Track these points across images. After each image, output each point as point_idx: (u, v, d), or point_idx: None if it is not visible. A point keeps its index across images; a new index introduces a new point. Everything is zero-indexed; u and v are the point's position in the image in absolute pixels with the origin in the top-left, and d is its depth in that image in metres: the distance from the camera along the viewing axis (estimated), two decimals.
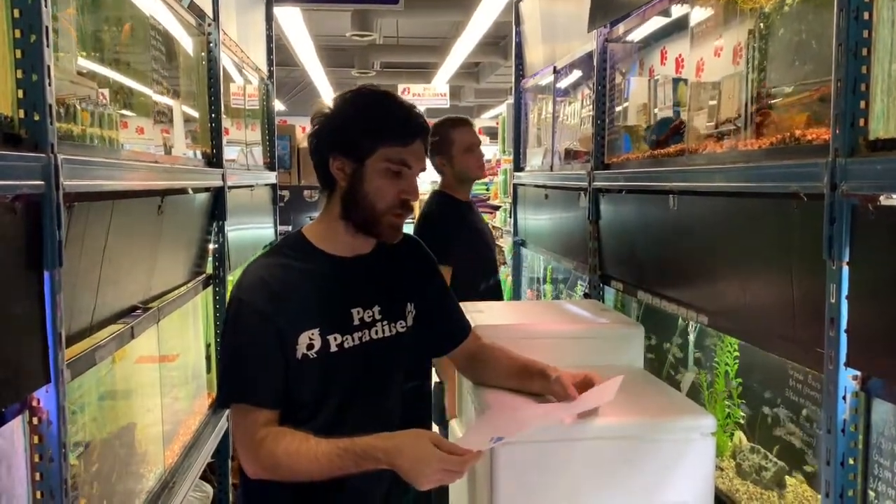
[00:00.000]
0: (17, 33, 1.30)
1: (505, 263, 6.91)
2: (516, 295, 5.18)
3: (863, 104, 1.37)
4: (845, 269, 1.40)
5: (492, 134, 17.79)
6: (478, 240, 3.07)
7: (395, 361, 1.64)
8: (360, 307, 1.57)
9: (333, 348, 1.51)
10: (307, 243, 1.58)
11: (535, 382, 1.74)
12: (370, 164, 1.51)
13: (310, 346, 1.49)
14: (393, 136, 1.51)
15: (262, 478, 1.46)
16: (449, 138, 2.98)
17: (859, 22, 1.36)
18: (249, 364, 1.47)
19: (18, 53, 1.30)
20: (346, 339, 1.53)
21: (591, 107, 3.12)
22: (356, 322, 1.56)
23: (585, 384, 1.67)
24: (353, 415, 1.54)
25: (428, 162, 1.68)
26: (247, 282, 1.51)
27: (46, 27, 1.31)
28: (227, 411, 2.97)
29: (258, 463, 1.45)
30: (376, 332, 1.58)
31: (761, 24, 1.89)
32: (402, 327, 1.64)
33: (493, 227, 11.55)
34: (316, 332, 1.49)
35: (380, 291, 1.61)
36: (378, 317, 1.59)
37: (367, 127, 1.52)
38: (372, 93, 1.57)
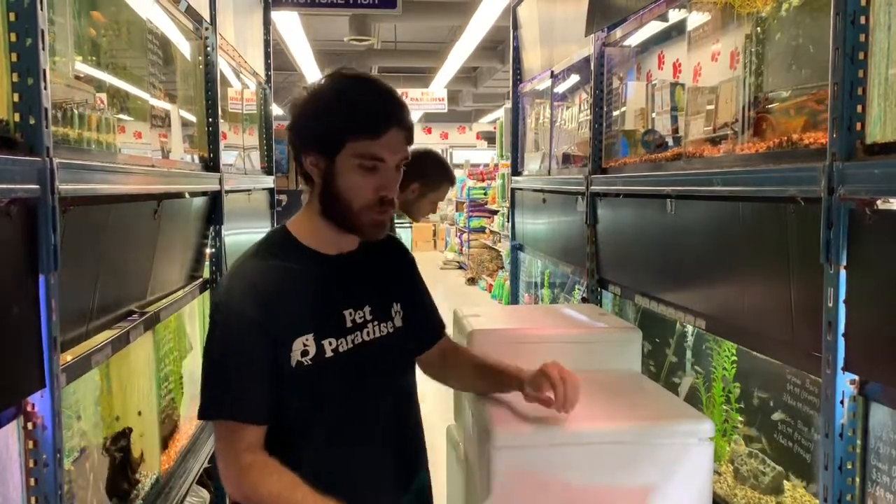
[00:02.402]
0: (13, 37, 1.30)
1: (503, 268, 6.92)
2: (514, 299, 5.18)
3: (860, 108, 1.37)
4: (843, 273, 1.40)
5: (490, 138, 17.85)
6: None
7: (388, 363, 1.57)
8: (352, 308, 1.50)
9: (328, 353, 1.43)
10: (293, 241, 1.48)
11: (506, 383, 1.72)
12: (340, 161, 1.40)
13: (304, 353, 1.40)
14: (360, 129, 1.38)
15: (247, 501, 1.38)
16: (434, 184, 2.89)
17: (856, 26, 1.36)
18: (238, 377, 1.38)
19: (14, 57, 1.30)
20: (341, 342, 1.45)
21: (588, 111, 3.12)
22: (349, 324, 1.48)
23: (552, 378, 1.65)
24: (350, 421, 1.49)
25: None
26: (234, 287, 1.41)
27: (42, 31, 1.31)
28: None
29: (240, 491, 1.37)
30: (368, 334, 1.51)
31: (758, 29, 1.89)
32: (391, 328, 1.57)
33: (491, 231, 11.57)
34: (310, 337, 1.41)
35: (369, 291, 1.55)
36: (369, 317, 1.52)
37: (333, 120, 1.40)
38: (342, 80, 1.45)
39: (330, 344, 1.44)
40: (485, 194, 12.50)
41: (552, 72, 3.84)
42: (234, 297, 1.40)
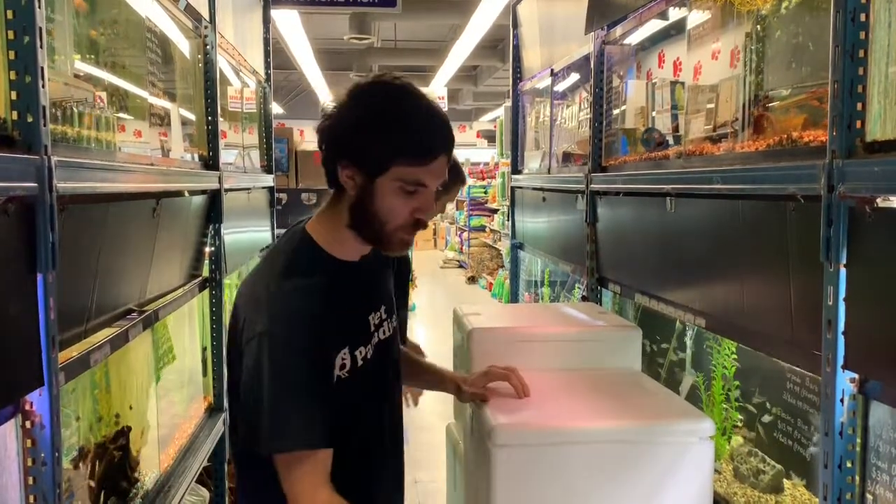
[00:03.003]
0: (11, 35, 1.29)
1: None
2: (514, 298, 5.18)
3: (860, 106, 1.37)
4: (843, 271, 1.39)
5: (490, 137, 17.84)
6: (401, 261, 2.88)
7: (396, 357, 1.60)
8: (373, 311, 1.51)
9: (360, 363, 1.43)
10: (320, 251, 1.43)
11: (445, 382, 1.86)
12: (381, 182, 1.34)
13: (342, 367, 1.39)
14: (410, 155, 1.33)
15: None
16: (447, 186, 2.84)
17: (856, 24, 1.36)
18: (304, 404, 1.33)
19: (12, 55, 1.29)
20: (369, 349, 1.46)
21: (588, 110, 3.12)
22: (371, 328, 1.49)
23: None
24: (379, 425, 1.52)
25: None
26: (278, 314, 1.34)
27: (40, 28, 1.31)
28: (224, 415, 2.96)
29: None
30: (383, 333, 1.52)
31: (758, 27, 1.89)
32: (395, 322, 1.60)
33: (492, 229, 11.57)
34: (346, 350, 1.40)
35: (382, 290, 1.57)
36: (384, 316, 1.54)
37: (381, 141, 1.33)
38: (389, 95, 1.37)
39: (360, 353, 1.43)
40: (485, 193, 12.50)
41: (552, 70, 3.83)
42: (280, 325, 1.33)
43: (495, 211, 11.13)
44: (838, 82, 1.38)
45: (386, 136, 1.33)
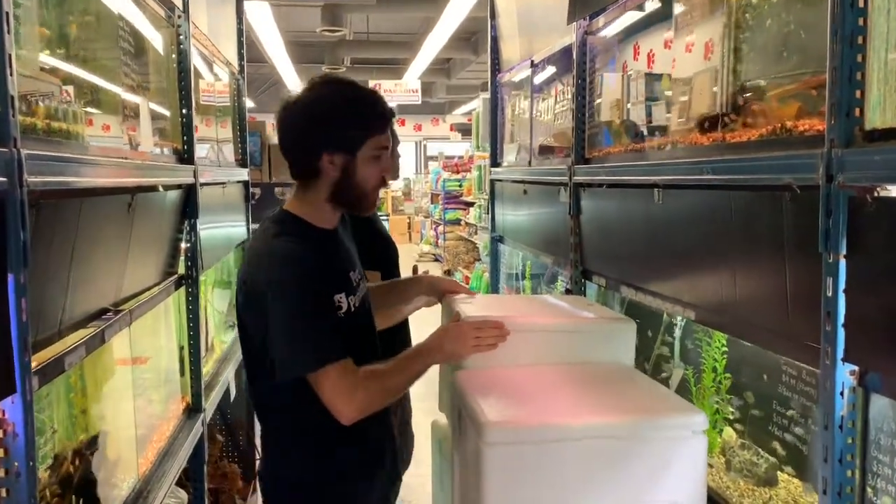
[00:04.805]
0: None
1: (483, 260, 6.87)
2: (494, 291, 5.15)
3: (858, 93, 1.34)
4: (842, 261, 1.37)
5: (463, 130, 17.80)
6: (386, 243, 2.87)
7: (372, 313, 1.95)
8: (352, 270, 1.86)
9: (352, 308, 1.77)
10: (303, 222, 1.77)
11: (405, 297, 2.24)
12: (361, 155, 1.71)
13: (339, 307, 1.73)
14: (377, 126, 1.72)
15: (364, 415, 1.69)
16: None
17: (854, 10, 1.33)
18: (324, 329, 1.67)
19: None
20: (355, 298, 1.80)
21: (564, 102, 3.08)
22: (353, 283, 1.83)
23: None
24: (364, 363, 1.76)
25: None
26: (282, 264, 1.67)
27: (7, 13, 1.24)
28: (203, 416, 2.90)
29: (367, 397, 1.69)
30: (361, 289, 1.88)
31: (747, 16, 1.86)
32: (366, 283, 1.96)
33: (467, 223, 11.55)
34: (342, 295, 1.74)
35: (354, 255, 1.92)
36: (360, 276, 1.90)
37: (358, 122, 1.71)
38: (344, 86, 1.76)
39: (351, 300, 1.78)
40: (460, 186, 12.47)
41: (532, 61, 3.79)
42: (280, 272, 1.66)
43: (471, 204, 11.10)
44: (837, 69, 1.35)
45: (361, 119, 1.72)
